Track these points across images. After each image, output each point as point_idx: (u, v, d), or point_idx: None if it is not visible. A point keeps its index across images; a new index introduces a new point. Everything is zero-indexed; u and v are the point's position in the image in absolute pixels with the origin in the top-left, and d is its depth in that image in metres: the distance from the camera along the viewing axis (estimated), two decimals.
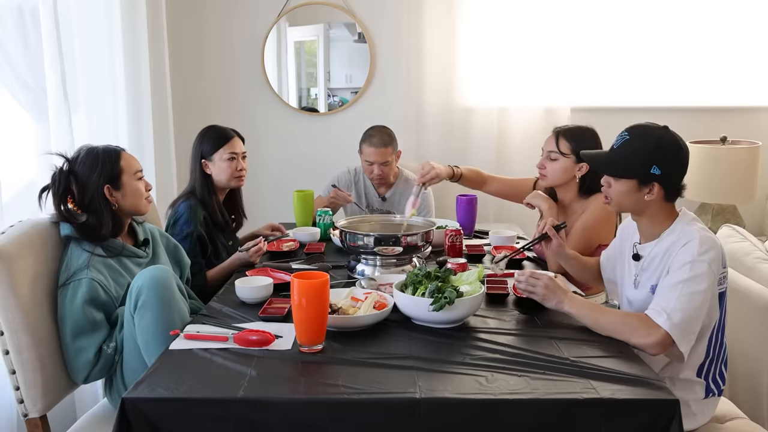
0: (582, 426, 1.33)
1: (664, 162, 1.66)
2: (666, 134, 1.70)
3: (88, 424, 1.87)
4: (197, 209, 2.38)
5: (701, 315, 1.61)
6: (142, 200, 2.00)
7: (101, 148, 1.96)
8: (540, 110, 3.64)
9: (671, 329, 1.57)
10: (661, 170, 1.65)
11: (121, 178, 1.94)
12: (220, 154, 2.44)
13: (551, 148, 2.30)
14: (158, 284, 1.76)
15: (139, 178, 2.00)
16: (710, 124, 3.67)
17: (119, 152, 1.97)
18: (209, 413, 1.34)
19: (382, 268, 2.10)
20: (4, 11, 2.22)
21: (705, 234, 1.66)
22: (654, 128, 1.71)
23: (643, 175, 1.67)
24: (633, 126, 1.73)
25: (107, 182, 1.91)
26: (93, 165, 1.91)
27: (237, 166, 2.46)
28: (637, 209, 1.74)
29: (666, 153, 1.67)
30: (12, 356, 1.74)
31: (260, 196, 3.67)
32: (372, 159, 2.87)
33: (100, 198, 1.90)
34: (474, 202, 2.78)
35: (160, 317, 1.74)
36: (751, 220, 3.72)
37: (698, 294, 1.60)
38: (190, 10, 3.64)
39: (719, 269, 1.65)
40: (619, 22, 3.65)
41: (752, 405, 1.90)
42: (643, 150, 1.67)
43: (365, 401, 1.33)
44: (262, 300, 1.89)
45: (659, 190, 1.68)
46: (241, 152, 2.49)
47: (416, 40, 3.62)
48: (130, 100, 2.87)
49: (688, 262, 1.61)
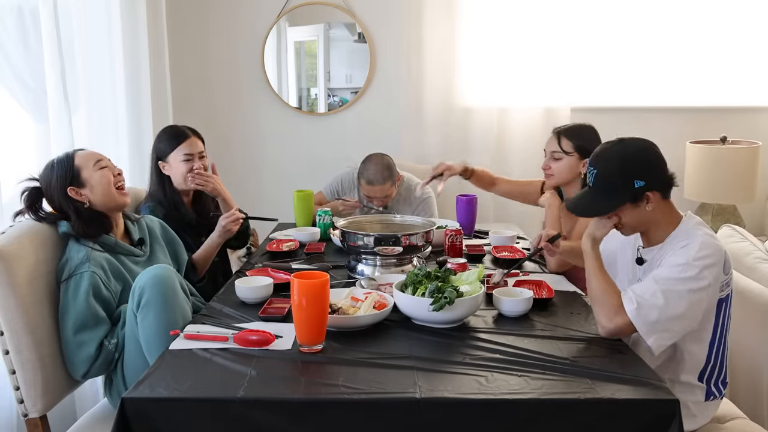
0: (582, 426, 1.33)
1: (639, 171, 1.64)
2: (624, 146, 1.68)
3: (88, 424, 1.87)
4: (156, 210, 2.30)
5: (685, 316, 1.59)
6: (111, 188, 1.94)
7: (56, 158, 1.96)
8: (540, 110, 3.64)
9: (636, 319, 1.58)
10: (643, 180, 1.63)
11: (81, 176, 1.93)
12: (175, 154, 2.34)
13: (554, 148, 2.33)
14: (161, 283, 1.76)
15: (101, 168, 1.95)
16: (710, 124, 3.67)
17: (72, 154, 1.96)
18: (209, 413, 1.34)
19: (382, 268, 2.10)
20: (4, 11, 2.22)
21: (708, 240, 1.63)
22: (609, 147, 1.69)
23: (632, 194, 1.65)
24: (593, 156, 1.71)
25: (69, 184, 1.91)
26: (50, 173, 1.92)
27: (192, 166, 2.34)
28: (650, 220, 1.71)
29: (635, 161, 1.65)
30: (12, 356, 1.74)
31: (260, 196, 3.68)
32: (371, 195, 2.81)
33: (66, 201, 1.91)
34: (474, 202, 2.77)
35: (163, 316, 1.74)
36: (751, 220, 3.72)
37: (682, 294, 1.58)
38: (190, 10, 3.64)
39: (719, 275, 1.63)
40: (618, 22, 3.65)
41: (752, 405, 1.90)
42: (615, 173, 1.65)
43: (365, 401, 1.33)
44: (262, 300, 1.89)
45: (654, 195, 1.66)
46: (198, 152, 2.37)
47: (416, 40, 3.62)
48: (130, 100, 2.87)
49: (681, 264, 1.60)
